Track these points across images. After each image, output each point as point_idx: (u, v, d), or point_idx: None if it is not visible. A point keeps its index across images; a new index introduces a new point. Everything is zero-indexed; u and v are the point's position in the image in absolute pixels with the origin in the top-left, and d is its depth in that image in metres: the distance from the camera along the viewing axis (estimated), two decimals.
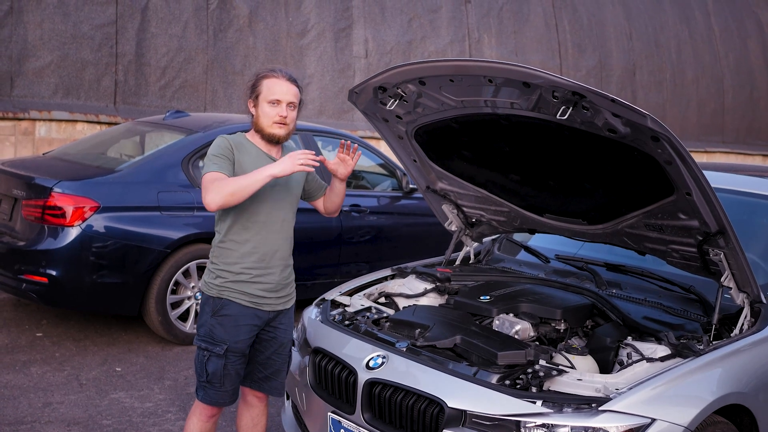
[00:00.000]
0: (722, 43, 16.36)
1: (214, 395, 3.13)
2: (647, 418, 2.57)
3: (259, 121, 3.06)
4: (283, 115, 3.03)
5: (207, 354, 3.07)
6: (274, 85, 3.03)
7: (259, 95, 3.05)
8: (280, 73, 3.07)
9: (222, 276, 3.07)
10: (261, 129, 3.06)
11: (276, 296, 3.15)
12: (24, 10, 8.47)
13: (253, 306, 3.09)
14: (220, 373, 3.07)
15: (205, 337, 3.08)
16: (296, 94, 3.08)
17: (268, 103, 3.03)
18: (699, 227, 3.02)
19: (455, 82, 3.12)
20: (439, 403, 2.73)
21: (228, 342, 3.05)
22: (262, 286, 3.09)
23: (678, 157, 2.72)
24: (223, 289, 3.07)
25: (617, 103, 2.63)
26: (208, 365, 3.08)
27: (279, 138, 3.07)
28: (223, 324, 3.06)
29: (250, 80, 3.12)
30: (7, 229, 5.37)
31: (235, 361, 3.10)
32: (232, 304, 3.06)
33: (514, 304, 3.41)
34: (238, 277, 3.06)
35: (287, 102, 3.04)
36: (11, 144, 8.38)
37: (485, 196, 3.82)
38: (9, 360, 4.98)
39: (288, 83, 3.06)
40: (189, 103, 9.53)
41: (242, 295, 3.07)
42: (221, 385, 3.10)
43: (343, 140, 3.20)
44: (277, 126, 3.04)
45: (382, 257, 6.37)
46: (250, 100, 3.09)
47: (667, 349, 2.90)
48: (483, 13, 12.68)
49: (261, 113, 3.05)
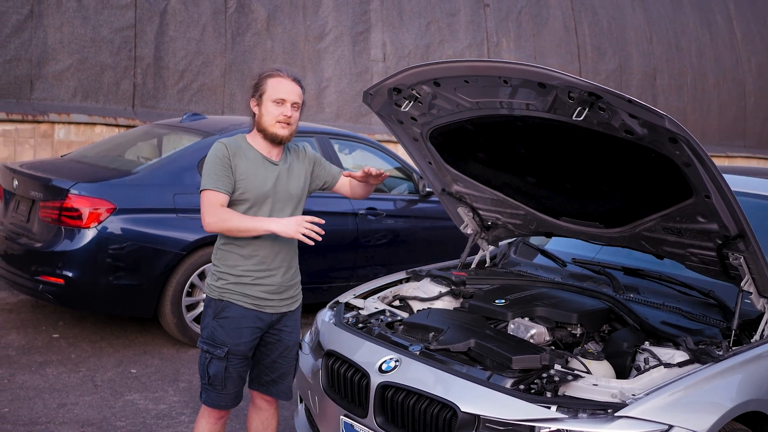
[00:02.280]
0: (744, 47, 16.20)
1: (216, 398, 3.12)
2: (664, 425, 2.52)
3: (261, 120, 3.03)
4: (288, 115, 3.01)
5: (209, 356, 3.07)
6: (278, 85, 3.01)
7: (263, 94, 3.02)
8: (284, 73, 3.05)
9: (223, 278, 3.06)
10: (264, 128, 3.04)
11: (279, 298, 3.13)
12: (44, 13, 8.54)
13: (255, 308, 3.07)
14: (222, 375, 3.06)
15: (207, 340, 3.08)
16: (300, 95, 3.06)
17: (272, 102, 3.01)
18: (718, 231, 2.97)
19: (470, 83, 3.09)
20: (452, 407, 2.69)
21: (229, 344, 3.04)
22: (263, 288, 3.07)
23: (696, 158, 2.67)
24: (224, 291, 3.05)
25: (634, 103, 2.59)
26: (209, 368, 3.07)
27: (282, 138, 3.04)
28: (224, 326, 3.04)
29: (253, 79, 3.10)
30: (25, 231, 5.40)
31: (236, 364, 3.08)
32: (234, 306, 3.05)
33: (529, 308, 3.37)
34: (239, 280, 3.04)
35: (292, 102, 3.02)
36: (30, 147, 8.44)
37: (501, 198, 3.78)
38: (25, 361, 5.00)
39: (293, 83, 3.04)
40: (207, 107, 9.56)
41: (244, 297, 3.05)
42: (223, 388, 3.09)
43: (368, 168, 3.20)
44: (281, 126, 3.02)
45: (398, 261, 6.33)
46: (253, 99, 3.06)
47: (686, 354, 2.84)
48: (501, 17, 12.63)
49: (264, 112, 3.02)
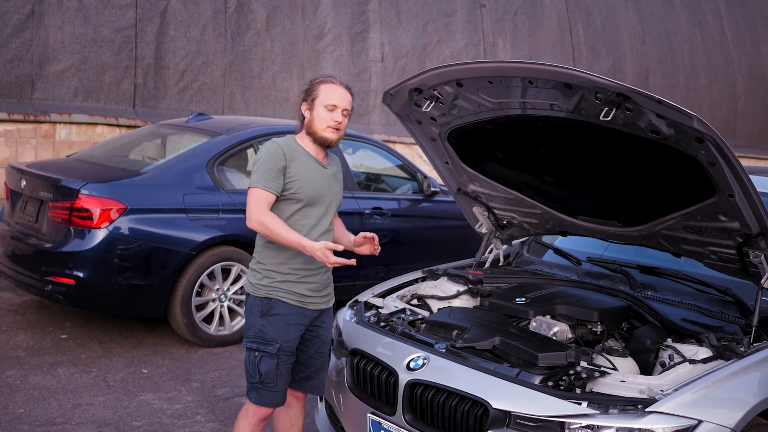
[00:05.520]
0: (735, 47, 16.33)
1: (268, 396, 3.14)
2: (694, 420, 2.55)
3: (312, 124, 3.11)
4: (339, 121, 3.10)
5: (259, 355, 3.09)
6: (332, 91, 3.09)
7: (316, 99, 3.10)
8: (337, 80, 3.14)
9: (270, 276, 3.11)
10: (314, 132, 3.11)
11: (320, 295, 3.20)
12: (45, 13, 8.51)
13: (300, 305, 3.12)
14: (273, 372, 3.09)
15: (256, 338, 3.10)
16: (350, 102, 3.15)
17: (324, 107, 3.08)
18: (740, 229, 3.01)
19: (493, 83, 3.12)
20: (484, 404, 2.72)
21: (280, 341, 3.08)
22: (308, 285, 3.14)
23: (722, 158, 2.71)
24: (271, 289, 3.10)
25: (663, 104, 2.62)
26: (260, 365, 3.10)
27: (331, 142, 3.13)
28: (273, 323, 3.08)
29: (305, 84, 3.18)
30: (33, 231, 5.39)
31: (286, 360, 3.13)
32: (282, 303, 3.09)
33: (550, 305, 3.40)
34: (286, 278, 3.10)
35: (343, 108, 3.11)
36: (32, 147, 8.41)
37: (518, 198, 3.81)
38: (36, 361, 5.00)
39: (345, 90, 3.13)
40: (207, 107, 9.56)
41: (290, 294, 3.10)
42: (275, 385, 3.12)
43: (368, 234, 3.20)
44: (331, 130, 3.10)
45: (404, 260, 6.33)
46: (305, 103, 3.14)
47: (709, 350, 2.88)
48: (498, 17, 12.68)
49: (316, 116, 3.10)
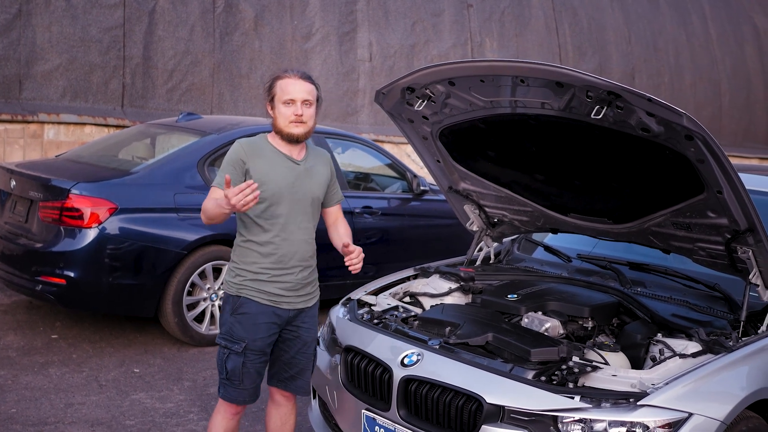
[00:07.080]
0: (719, 47, 16.44)
1: (234, 393, 3.17)
2: (684, 413, 2.60)
3: (277, 122, 3.11)
4: (299, 114, 3.07)
5: (226, 352, 3.12)
6: (287, 86, 3.08)
7: (274, 96, 3.10)
8: (292, 73, 3.11)
9: (241, 275, 3.12)
10: (280, 130, 3.11)
11: (295, 294, 3.17)
12: (32, 13, 8.47)
13: (272, 304, 3.12)
14: (239, 370, 3.11)
15: (225, 335, 3.14)
16: (311, 91, 3.11)
17: (283, 103, 3.08)
18: (728, 225, 3.05)
19: (485, 82, 3.15)
20: (478, 399, 2.75)
21: (247, 340, 3.09)
22: (280, 285, 3.12)
23: (711, 155, 2.75)
24: (241, 288, 3.11)
25: (654, 102, 2.66)
26: (227, 363, 3.12)
27: (297, 137, 3.11)
28: (241, 322, 3.10)
29: (266, 83, 3.17)
30: (24, 231, 5.38)
31: (254, 360, 3.13)
32: (251, 302, 3.10)
33: (541, 302, 3.44)
34: (256, 276, 3.10)
35: (302, 100, 3.07)
36: (20, 147, 8.38)
37: (509, 196, 3.84)
38: (27, 362, 4.99)
39: (301, 81, 3.09)
40: (195, 106, 9.53)
41: (260, 293, 3.10)
42: (240, 383, 3.14)
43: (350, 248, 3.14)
44: (294, 125, 3.08)
45: (394, 258, 6.36)
46: (268, 103, 3.14)
47: (698, 345, 2.93)
48: (485, 17, 12.73)
49: (278, 114, 3.10)
